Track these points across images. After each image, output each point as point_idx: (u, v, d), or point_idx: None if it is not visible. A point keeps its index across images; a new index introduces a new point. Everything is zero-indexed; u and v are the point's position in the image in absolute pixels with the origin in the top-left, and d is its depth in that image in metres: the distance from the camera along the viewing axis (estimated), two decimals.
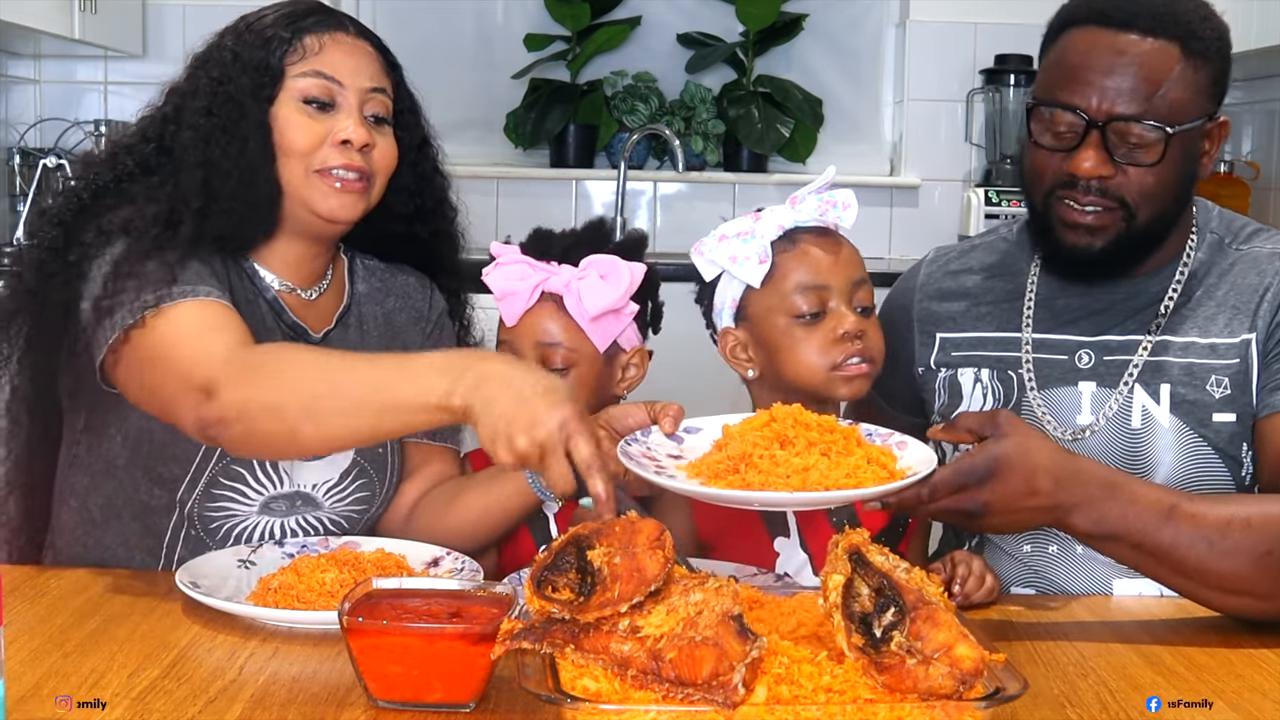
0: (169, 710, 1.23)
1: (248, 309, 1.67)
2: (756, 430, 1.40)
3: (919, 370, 1.88)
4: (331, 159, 1.66)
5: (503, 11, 4.29)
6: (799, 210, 1.69)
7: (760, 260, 1.68)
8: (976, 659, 1.11)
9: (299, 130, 1.66)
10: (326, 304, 1.79)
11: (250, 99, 1.66)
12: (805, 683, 1.11)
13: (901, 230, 4.19)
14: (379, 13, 4.24)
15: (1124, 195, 1.65)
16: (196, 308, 1.55)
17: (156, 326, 1.54)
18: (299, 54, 1.68)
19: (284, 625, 1.44)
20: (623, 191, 4.11)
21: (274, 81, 1.67)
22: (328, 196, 1.67)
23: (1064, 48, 1.68)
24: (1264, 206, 3.65)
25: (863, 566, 1.16)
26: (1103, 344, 1.75)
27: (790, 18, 4.19)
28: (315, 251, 1.76)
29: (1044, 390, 1.76)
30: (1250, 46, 3.18)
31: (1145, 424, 1.71)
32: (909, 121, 4.20)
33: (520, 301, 1.74)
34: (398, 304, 1.85)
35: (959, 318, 1.86)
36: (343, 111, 1.68)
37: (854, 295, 1.69)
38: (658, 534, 1.20)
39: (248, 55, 1.68)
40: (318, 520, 1.73)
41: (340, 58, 1.69)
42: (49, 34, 3.46)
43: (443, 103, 4.19)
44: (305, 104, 1.67)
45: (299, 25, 1.69)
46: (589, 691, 1.11)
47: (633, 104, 4.15)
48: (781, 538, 1.72)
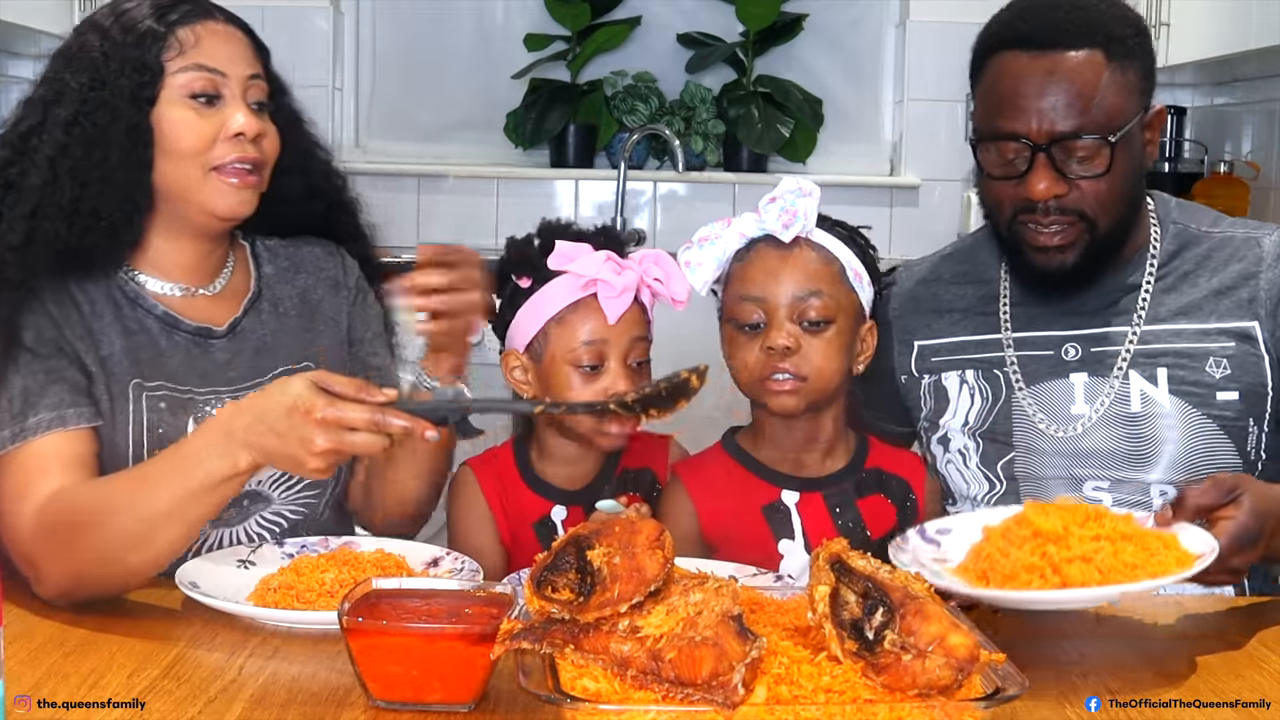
0: (169, 710, 1.23)
1: (129, 339, 1.64)
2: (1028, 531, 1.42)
3: (901, 379, 1.90)
4: (227, 154, 1.63)
5: (503, 11, 4.29)
6: (763, 219, 1.71)
7: (717, 269, 1.72)
8: (970, 645, 1.11)
9: (189, 129, 1.62)
10: (231, 295, 1.76)
11: (127, 102, 1.61)
12: (805, 683, 1.11)
13: (901, 230, 4.18)
14: (379, 13, 4.24)
15: (1082, 209, 1.68)
16: (18, 459, 1.52)
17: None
18: (176, 49, 1.62)
19: (284, 625, 1.44)
20: (623, 191, 4.11)
21: (154, 81, 1.61)
22: (226, 195, 1.64)
23: (994, 75, 1.70)
24: (1264, 206, 3.64)
25: (846, 574, 1.17)
26: (1088, 336, 1.77)
27: (790, 18, 4.18)
28: (209, 248, 1.73)
29: (1032, 386, 1.78)
30: (1250, 46, 3.17)
31: (1146, 407, 1.73)
32: (909, 121, 4.19)
33: (628, 298, 1.73)
34: (310, 279, 1.83)
35: (934, 324, 1.88)
36: (229, 103, 1.64)
37: (798, 309, 1.69)
38: (657, 534, 1.20)
39: (121, 54, 1.61)
40: (267, 520, 1.72)
41: (218, 47, 1.65)
42: (49, 34, 3.46)
43: (443, 103, 4.28)
44: (191, 99, 1.62)
45: (169, 18, 1.63)
46: (589, 691, 1.11)
47: (633, 104, 4.15)
48: (786, 539, 1.72)
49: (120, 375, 1.63)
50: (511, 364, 1.78)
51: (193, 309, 1.71)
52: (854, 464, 1.78)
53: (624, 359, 1.74)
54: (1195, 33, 3.41)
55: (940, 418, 1.84)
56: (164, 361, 1.66)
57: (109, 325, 1.64)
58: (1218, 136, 3.91)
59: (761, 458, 1.77)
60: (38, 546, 1.49)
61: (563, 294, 1.73)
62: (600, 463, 1.82)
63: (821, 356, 1.69)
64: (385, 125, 4.28)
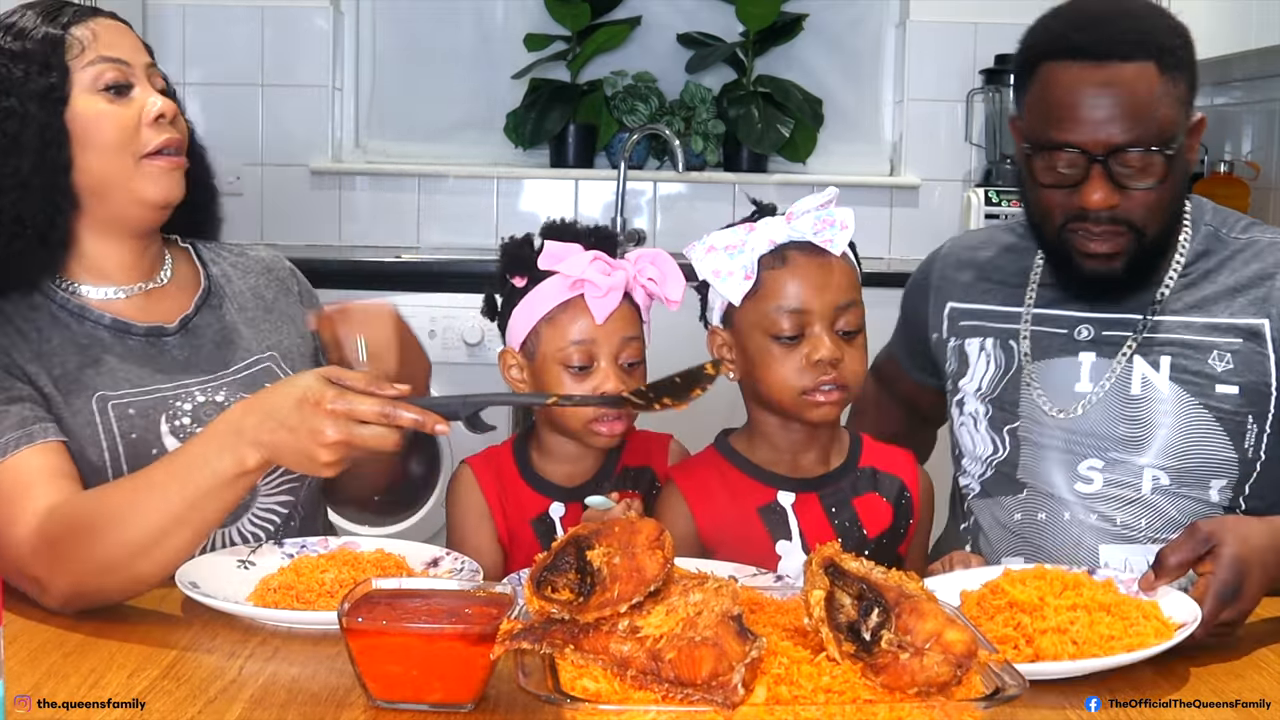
0: (169, 710, 1.23)
1: (83, 354, 1.63)
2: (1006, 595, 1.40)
3: (933, 337, 1.96)
4: (153, 138, 1.64)
5: (503, 11, 4.29)
6: (794, 226, 1.68)
7: (745, 276, 1.68)
8: (968, 640, 1.12)
9: (109, 120, 1.62)
10: (178, 292, 1.76)
11: (38, 107, 1.60)
12: (805, 683, 1.11)
13: (901, 230, 4.18)
14: (379, 13, 4.24)
15: (1132, 219, 1.70)
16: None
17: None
18: (77, 48, 1.63)
19: (284, 625, 1.44)
20: (623, 191, 4.11)
21: (63, 81, 1.62)
22: (158, 180, 1.65)
23: (1046, 85, 1.70)
24: (1264, 206, 3.64)
25: (840, 577, 1.17)
26: (1102, 320, 1.80)
27: (790, 18, 4.18)
28: (143, 245, 1.72)
29: (1039, 361, 1.82)
30: (1250, 46, 3.17)
31: (1144, 391, 1.76)
32: (909, 121, 4.20)
33: (616, 298, 1.73)
34: (260, 280, 1.85)
35: (969, 290, 1.93)
36: (139, 90, 1.65)
37: (837, 319, 1.69)
38: (657, 534, 1.20)
39: (23, 62, 1.61)
40: (259, 517, 1.72)
41: (115, 39, 1.66)
42: None
43: (443, 103, 4.28)
44: (104, 92, 1.63)
45: (61, 20, 1.64)
46: (589, 691, 1.11)
47: (633, 104, 4.15)
48: (783, 540, 1.72)
49: (79, 392, 1.62)
50: (509, 362, 1.79)
51: (139, 310, 1.71)
52: (848, 463, 1.78)
53: (614, 359, 1.74)
54: (1195, 33, 3.38)
55: (960, 380, 1.89)
56: (123, 369, 1.65)
57: (58, 346, 1.64)
58: (1218, 136, 3.90)
59: (756, 459, 1.77)
60: (39, 561, 1.47)
61: (553, 294, 1.74)
62: (600, 461, 1.82)
63: (860, 364, 1.71)
64: (385, 125, 4.28)
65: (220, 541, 1.68)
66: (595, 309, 1.72)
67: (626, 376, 1.75)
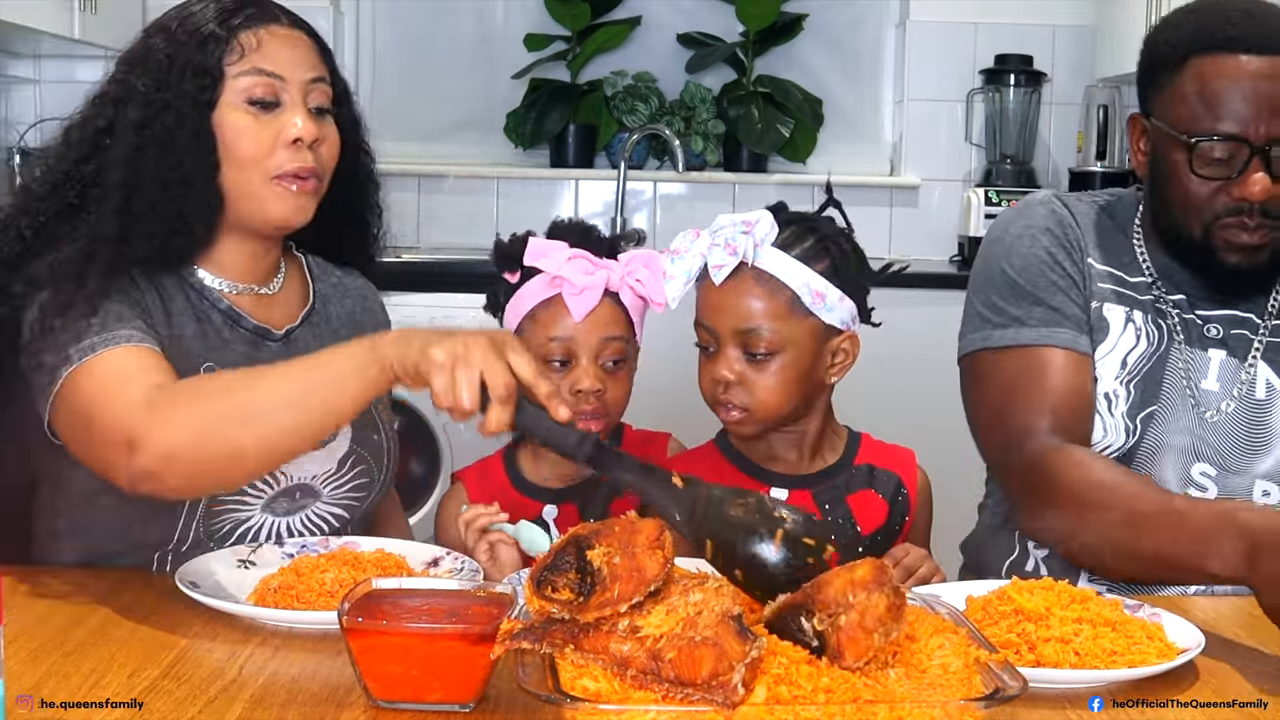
0: (169, 710, 1.23)
1: (199, 326, 1.66)
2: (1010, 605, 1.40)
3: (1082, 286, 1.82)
4: (285, 162, 1.63)
5: (503, 11, 4.29)
6: (708, 246, 1.71)
7: (686, 283, 1.72)
8: (872, 565, 1.13)
9: (246, 136, 1.62)
10: (287, 301, 1.77)
11: (189, 106, 1.61)
12: (805, 683, 1.11)
13: (901, 230, 4.18)
14: (379, 13, 4.24)
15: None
16: (113, 358, 1.50)
17: (78, 384, 1.50)
18: (237, 53, 1.62)
19: (284, 625, 1.44)
20: (623, 191, 4.11)
21: (214, 85, 1.62)
22: (283, 200, 1.65)
23: (1201, 77, 1.69)
24: None
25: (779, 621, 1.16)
26: (1229, 318, 1.78)
27: (790, 18, 4.18)
28: (265, 248, 1.73)
29: (1188, 347, 1.77)
30: None
31: (1269, 396, 1.76)
32: (909, 121, 4.20)
33: (593, 297, 1.75)
34: (356, 305, 1.87)
35: (1102, 250, 1.82)
36: (288, 108, 1.64)
37: (743, 340, 1.70)
38: (657, 534, 1.20)
39: (183, 58, 1.62)
40: (319, 514, 1.73)
41: (279, 50, 1.64)
42: (49, 34, 3.46)
43: (443, 103, 4.28)
44: (250, 105, 1.62)
45: (232, 22, 1.63)
46: (589, 691, 1.11)
47: (633, 104, 4.15)
48: None
49: (191, 356, 1.63)
50: None
51: (250, 307, 1.72)
52: (844, 460, 1.79)
53: (594, 357, 1.77)
54: None
55: (1095, 349, 1.78)
56: (228, 352, 1.66)
57: (182, 309, 1.66)
58: None
59: (753, 455, 1.78)
60: (142, 417, 1.43)
61: (536, 290, 1.79)
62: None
63: (764, 390, 1.71)
64: (385, 125, 4.24)
65: (266, 535, 1.69)
66: (573, 306, 1.75)
67: (607, 376, 1.77)
